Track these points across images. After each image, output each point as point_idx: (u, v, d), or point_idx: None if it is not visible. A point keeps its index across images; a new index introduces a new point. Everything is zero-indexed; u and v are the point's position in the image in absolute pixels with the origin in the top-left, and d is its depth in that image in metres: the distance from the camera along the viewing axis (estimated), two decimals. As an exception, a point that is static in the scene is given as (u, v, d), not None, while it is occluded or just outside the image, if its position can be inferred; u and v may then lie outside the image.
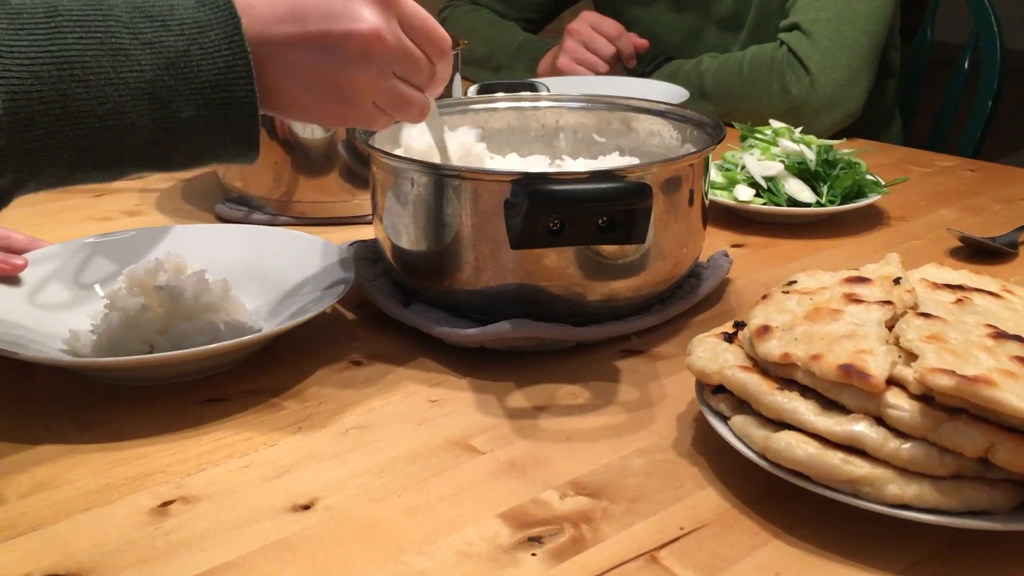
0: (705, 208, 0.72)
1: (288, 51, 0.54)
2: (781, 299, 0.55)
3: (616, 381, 0.63)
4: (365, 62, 0.56)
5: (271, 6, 0.55)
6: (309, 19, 0.54)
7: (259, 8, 0.54)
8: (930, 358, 0.46)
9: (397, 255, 0.70)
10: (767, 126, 0.97)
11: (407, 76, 0.59)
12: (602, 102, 0.83)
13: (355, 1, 0.55)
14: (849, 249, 0.85)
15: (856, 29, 1.20)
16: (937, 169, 1.08)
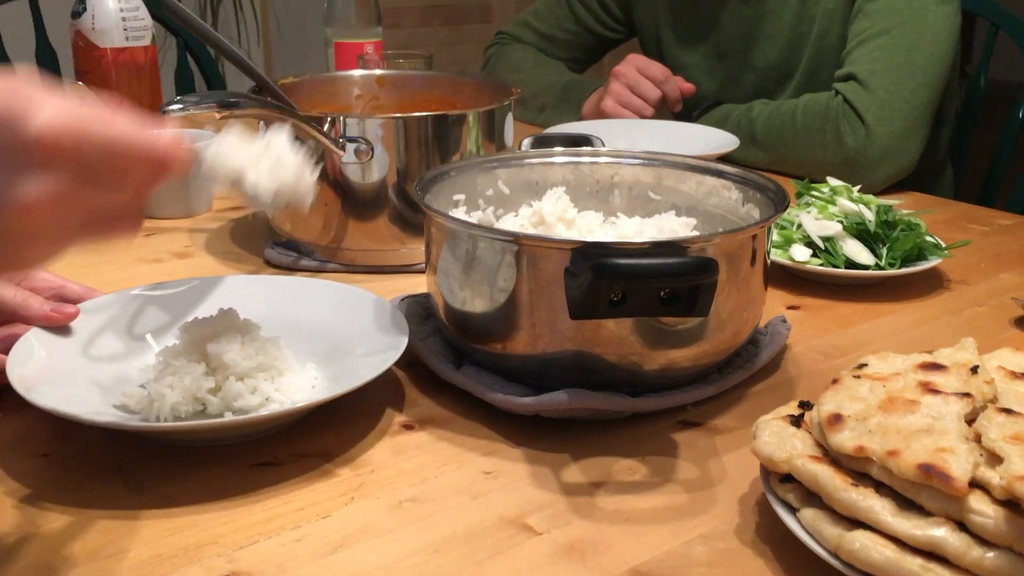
0: (767, 275, 0.70)
1: None
2: (852, 384, 0.53)
3: (674, 456, 0.61)
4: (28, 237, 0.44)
5: None
6: None
7: None
8: (1016, 463, 0.44)
9: (450, 315, 0.69)
10: (824, 183, 0.96)
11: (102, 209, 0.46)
12: (659, 159, 0.82)
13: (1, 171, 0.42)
14: (910, 315, 0.83)
15: (914, 81, 1.18)
16: (996, 228, 1.06)
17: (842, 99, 1.19)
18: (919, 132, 1.18)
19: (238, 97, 0.74)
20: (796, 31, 1.33)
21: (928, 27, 1.19)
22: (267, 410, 0.61)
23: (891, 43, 1.19)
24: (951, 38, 1.21)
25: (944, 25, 1.20)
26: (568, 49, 1.60)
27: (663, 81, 1.37)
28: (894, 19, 1.20)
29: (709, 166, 0.80)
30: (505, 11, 3.46)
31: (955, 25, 1.22)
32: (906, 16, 1.20)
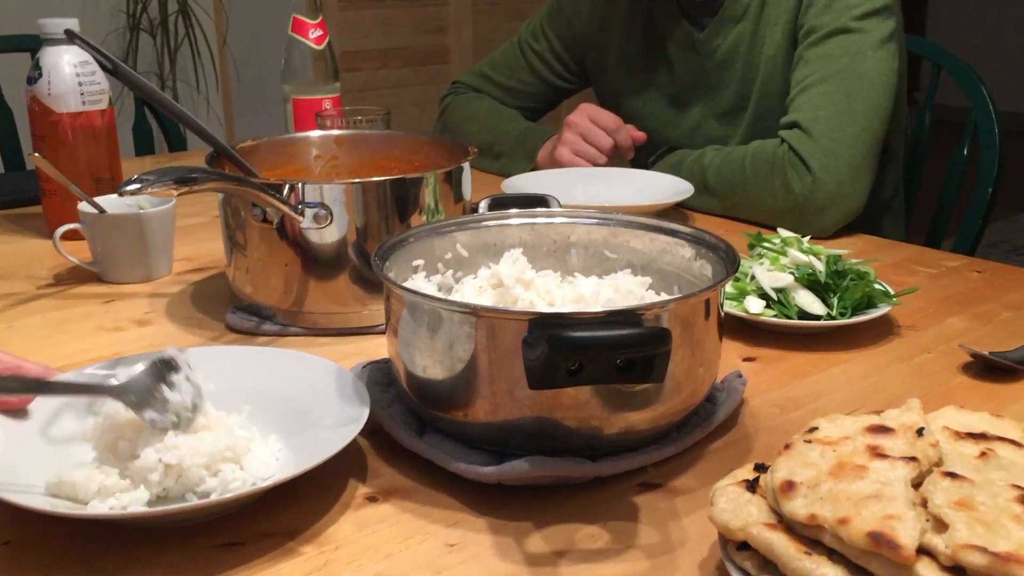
0: (721, 331, 0.72)
1: None
2: (804, 449, 0.55)
3: (635, 520, 0.62)
4: None
5: None
6: None
7: None
8: (961, 530, 0.45)
9: (411, 383, 0.70)
10: (775, 234, 0.98)
11: None
12: (613, 218, 0.84)
13: None
14: (862, 364, 0.85)
15: (856, 126, 1.21)
16: (944, 270, 1.08)
17: (787, 147, 1.23)
18: (864, 176, 1.22)
19: (195, 172, 0.75)
20: (746, 78, 1.36)
21: (867, 73, 1.23)
22: (231, 492, 0.61)
23: (832, 89, 1.23)
24: (890, 81, 1.25)
25: (882, 69, 1.24)
26: (523, 98, 1.62)
27: (615, 130, 1.39)
28: (833, 66, 1.24)
29: (662, 225, 0.81)
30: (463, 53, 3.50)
31: (893, 68, 1.26)
32: (845, 63, 1.24)
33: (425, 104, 3.52)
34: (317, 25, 1.33)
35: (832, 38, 1.25)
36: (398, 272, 0.77)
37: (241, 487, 0.62)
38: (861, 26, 1.25)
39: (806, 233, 1.04)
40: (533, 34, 1.61)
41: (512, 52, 1.64)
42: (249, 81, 3.26)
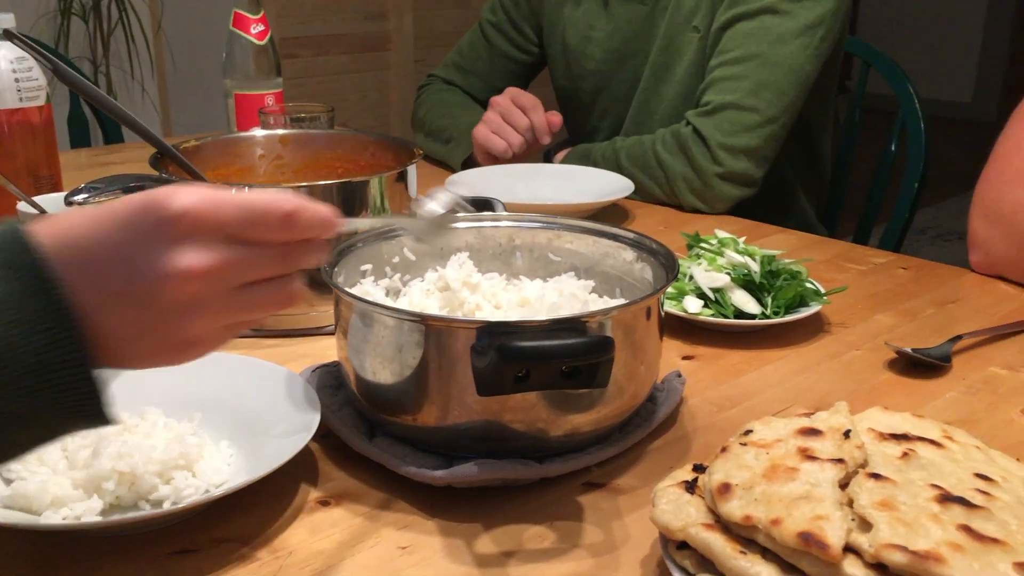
0: (662, 333, 0.75)
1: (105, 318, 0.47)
2: (739, 452, 0.58)
3: (580, 520, 0.64)
4: (194, 308, 0.49)
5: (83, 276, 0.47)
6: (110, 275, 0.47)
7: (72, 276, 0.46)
8: (884, 530, 0.48)
9: (361, 387, 0.71)
10: (712, 235, 1.01)
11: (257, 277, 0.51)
12: (557, 222, 0.86)
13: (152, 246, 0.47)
14: (794, 362, 0.88)
15: (759, 116, 1.28)
16: (872, 267, 1.13)
17: (692, 129, 1.30)
18: (761, 163, 1.30)
19: (141, 180, 0.75)
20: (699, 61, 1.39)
21: (781, 61, 1.28)
22: (184, 500, 0.62)
23: (745, 74, 1.28)
24: (804, 70, 1.29)
25: (798, 58, 1.28)
26: (493, 80, 1.63)
27: (530, 109, 1.39)
28: (752, 48, 1.28)
29: (604, 229, 0.84)
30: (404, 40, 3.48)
31: (811, 56, 1.29)
32: (764, 47, 1.28)
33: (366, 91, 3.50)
34: (259, 20, 1.33)
35: (759, 16, 1.29)
36: (347, 276, 0.78)
37: (194, 495, 0.63)
38: (790, 8, 1.28)
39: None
40: (491, 8, 1.64)
41: (475, 34, 1.66)
42: (186, 68, 3.21)
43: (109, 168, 1.52)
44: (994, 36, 5.94)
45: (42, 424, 0.46)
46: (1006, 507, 0.52)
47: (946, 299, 1.03)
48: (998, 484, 0.55)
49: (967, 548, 0.47)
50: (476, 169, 1.39)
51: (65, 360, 0.45)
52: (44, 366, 0.44)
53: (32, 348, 0.44)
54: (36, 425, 0.46)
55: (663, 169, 1.32)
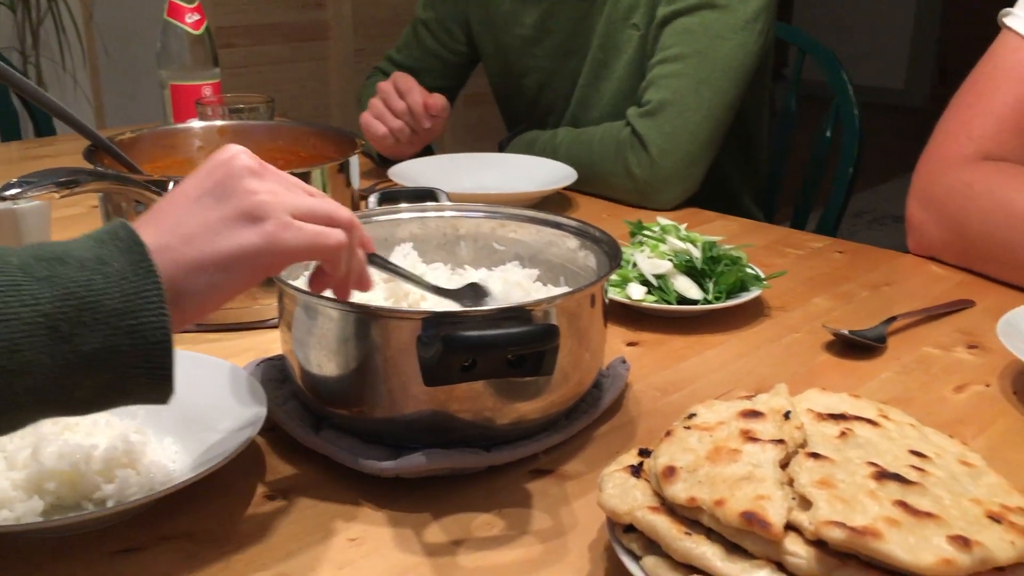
0: (606, 320, 0.75)
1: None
2: (683, 436, 0.59)
3: (528, 507, 0.65)
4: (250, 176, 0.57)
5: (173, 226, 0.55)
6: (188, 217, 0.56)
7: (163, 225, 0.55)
8: (823, 507, 0.50)
9: (307, 380, 0.71)
10: (654, 222, 1.02)
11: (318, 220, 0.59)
12: (501, 211, 0.86)
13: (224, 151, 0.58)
14: (736, 346, 0.90)
15: (700, 114, 1.28)
16: (809, 251, 1.15)
17: (631, 131, 1.29)
18: (701, 162, 1.30)
19: (75, 174, 0.73)
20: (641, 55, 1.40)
21: (721, 58, 1.28)
22: (128, 498, 0.61)
23: (684, 72, 1.28)
24: (744, 66, 1.29)
25: (737, 55, 1.28)
26: (427, 77, 1.63)
27: (406, 93, 1.37)
28: (692, 45, 1.28)
29: (548, 218, 0.84)
30: (343, 29, 3.44)
31: (751, 52, 1.29)
32: (703, 44, 1.28)
33: (305, 80, 3.45)
34: (194, 9, 1.30)
35: (698, 12, 1.29)
36: (290, 269, 0.77)
37: (138, 493, 0.62)
38: (728, 3, 1.28)
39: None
40: (423, 5, 1.63)
41: (408, 30, 1.65)
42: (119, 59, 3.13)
43: (41, 162, 1.49)
44: (924, 23, 6.08)
45: (111, 369, 0.50)
46: (940, 482, 0.54)
47: (881, 282, 1.06)
48: (932, 460, 0.57)
49: (903, 523, 0.49)
50: (419, 160, 1.39)
51: (147, 308, 0.50)
52: (128, 311, 0.49)
53: (119, 294, 0.49)
54: (106, 370, 0.49)
55: (605, 179, 1.32)
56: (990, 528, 0.50)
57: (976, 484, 0.55)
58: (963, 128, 1.08)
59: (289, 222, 0.57)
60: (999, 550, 0.48)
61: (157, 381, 0.52)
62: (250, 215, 0.56)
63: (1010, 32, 1.08)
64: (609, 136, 1.32)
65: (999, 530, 0.50)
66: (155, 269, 0.51)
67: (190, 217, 0.55)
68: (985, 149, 1.06)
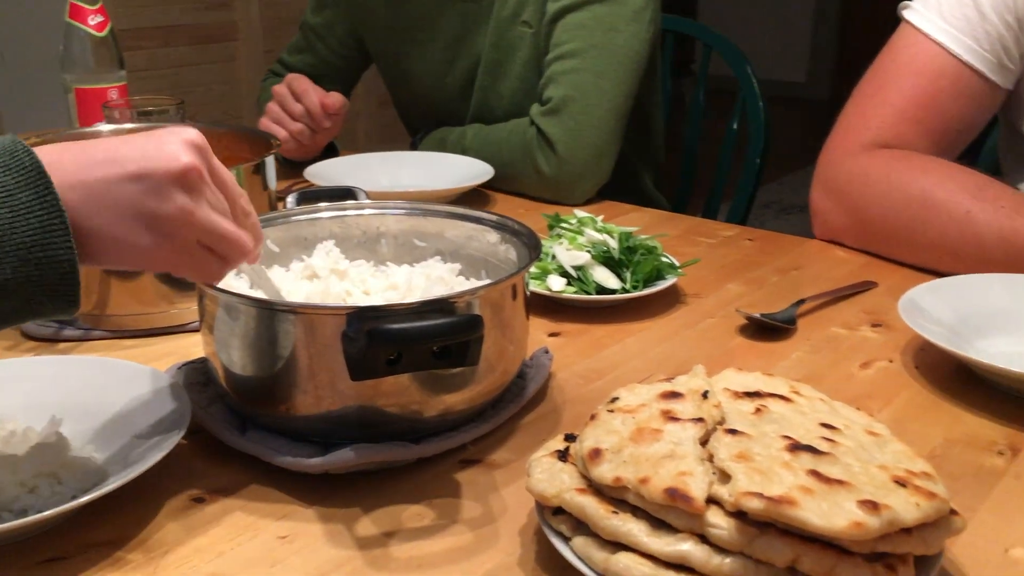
0: (528, 311, 0.77)
1: (104, 191, 0.56)
2: (607, 419, 0.61)
3: (458, 496, 0.66)
4: (182, 192, 0.58)
5: (85, 152, 0.57)
6: (126, 160, 0.57)
7: (71, 155, 0.56)
8: (741, 480, 0.52)
9: (231, 381, 0.70)
10: (572, 214, 1.04)
11: (223, 213, 0.61)
12: (421, 208, 0.87)
13: (170, 143, 0.58)
14: (655, 332, 0.92)
15: (602, 108, 1.30)
16: (720, 240, 1.19)
17: (536, 130, 1.31)
18: (608, 154, 1.32)
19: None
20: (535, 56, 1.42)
21: (617, 50, 1.31)
22: (50, 508, 0.60)
23: (583, 67, 1.30)
24: (640, 55, 1.33)
25: (632, 45, 1.32)
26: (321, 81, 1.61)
27: (302, 95, 1.37)
28: (587, 39, 1.30)
29: (467, 213, 0.85)
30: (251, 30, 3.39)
31: (645, 40, 1.33)
32: (598, 37, 1.30)
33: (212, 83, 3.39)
34: (97, 11, 1.27)
35: (588, 6, 1.31)
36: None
37: (61, 502, 0.61)
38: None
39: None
40: (311, 9, 1.61)
41: (300, 35, 1.64)
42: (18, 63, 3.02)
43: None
44: (823, 19, 6.28)
45: (21, 296, 0.53)
46: (849, 451, 0.57)
47: (789, 267, 1.10)
48: (841, 432, 0.59)
49: (816, 491, 0.51)
50: (335, 160, 1.38)
51: (52, 242, 0.53)
52: (34, 244, 0.52)
53: (25, 228, 0.52)
54: (15, 297, 0.53)
55: (517, 177, 1.34)
56: (896, 492, 0.53)
57: (882, 452, 0.58)
58: (862, 118, 1.13)
59: (185, 250, 0.59)
60: (905, 512, 0.51)
61: (65, 304, 0.55)
62: (155, 223, 0.57)
63: (908, 26, 1.13)
64: (516, 136, 1.34)
65: (905, 493, 0.53)
66: (60, 203, 0.53)
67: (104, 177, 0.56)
68: (883, 138, 1.11)
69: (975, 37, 1.08)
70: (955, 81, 1.09)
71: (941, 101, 1.09)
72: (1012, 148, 1.20)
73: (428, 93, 1.52)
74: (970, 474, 0.68)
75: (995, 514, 0.63)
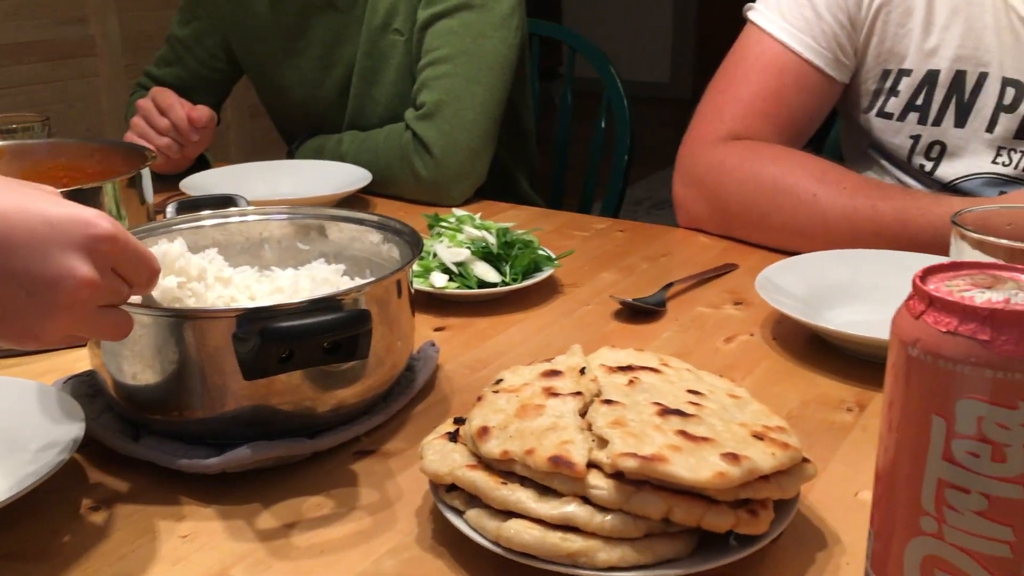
0: (413, 306, 0.80)
1: None
2: (493, 399, 0.64)
3: (356, 486, 0.69)
4: (68, 309, 0.57)
5: None
6: (17, 256, 0.55)
7: None
8: (617, 443, 0.57)
9: (121, 391, 0.71)
10: (451, 213, 1.08)
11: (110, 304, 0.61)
12: (302, 212, 0.89)
13: (69, 250, 0.56)
14: (535, 322, 0.97)
15: (474, 111, 1.35)
16: (594, 232, 1.25)
17: (411, 134, 1.35)
18: (483, 155, 1.37)
19: None
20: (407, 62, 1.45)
21: (486, 55, 1.36)
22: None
23: (454, 72, 1.35)
24: (508, 60, 1.38)
25: (501, 50, 1.37)
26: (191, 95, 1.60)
27: (167, 109, 1.36)
28: (457, 45, 1.35)
29: (349, 215, 0.88)
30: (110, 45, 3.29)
31: (513, 45, 1.39)
32: (467, 43, 1.35)
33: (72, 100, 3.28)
34: (-49, 27, 1.23)
35: (457, 13, 1.36)
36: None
37: (-47, 519, 0.60)
38: (484, 2, 1.36)
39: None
40: (177, 22, 1.60)
41: (167, 48, 1.62)
42: None
43: None
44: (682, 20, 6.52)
45: None
46: (713, 413, 0.62)
47: (658, 254, 1.16)
48: (706, 396, 0.65)
49: (684, 448, 0.56)
50: (212, 170, 1.38)
51: None
52: None
53: None
54: None
55: (395, 182, 1.37)
56: (755, 445, 0.58)
57: (743, 412, 0.64)
58: (716, 113, 1.21)
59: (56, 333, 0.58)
60: (763, 461, 0.57)
61: None
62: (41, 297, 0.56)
63: (753, 26, 1.21)
64: (392, 141, 1.37)
65: (762, 446, 0.58)
66: None
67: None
68: (736, 131, 1.19)
69: (813, 36, 1.17)
70: (797, 77, 1.18)
71: (785, 95, 1.18)
72: (850, 137, 1.30)
73: (303, 102, 1.53)
74: (823, 429, 0.75)
75: (845, 463, 0.70)
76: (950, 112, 1.14)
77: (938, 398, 0.42)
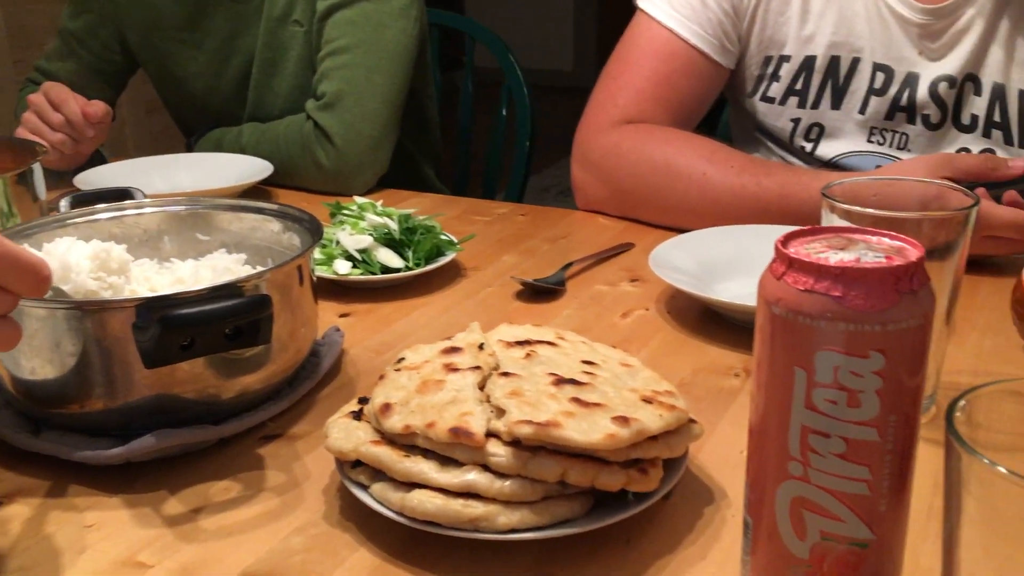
0: (315, 292, 0.81)
1: None
2: (395, 377, 0.66)
3: (263, 468, 0.70)
4: None
5: None
6: None
7: None
8: (514, 412, 0.59)
9: (19, 387, 0.70)
10: (352, 201, 1.09)
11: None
12: (201, 202, 0.89)
13: None
14: (439, 305, 0.99)
15: (376, 101, 1.36)
16: (496, 217, 1.27)
17: (313, 124, 1.35)
18: (385, 144, 1.38)
19: None
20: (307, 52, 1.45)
21: (386, 45, 1.37)
22: None
23: (354, 62, 1.36)
24: (408, 50, 1.40)
25: (401, 40, 1.39)
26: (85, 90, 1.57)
27: (61, 104, 1.33)
28: (357, 35, 1.36)
29: (249, 204, 0.88)
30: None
31: (412, 36, 1.40)
32: (367, 33, 1.36)
33: (-40, 99, 3.15)
34: None
35: (356, 4, 1.37)
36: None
37: None
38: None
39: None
40: (69, 15, 1.57)
41: (58, 41, 1.58)
42: None
43: None
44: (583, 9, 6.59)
45: None
46: (606, 381, 0.65)
47: (558, 236, 1.20)
48: (599, 366, 0.68)
49: (577, 414, 0.59)
50: (107, 165, 1.36)
51: None
52: None
53: None
54: None
55: (297, 172, 1.37)
56: (645, 408, 0.62)
57: (634, 379, 0.67)
58: (610, 98, 1.25)
59: None
60: (651, 422, 0.60)
61: None
62: None
63: (643, 14, 1.25)
64: (293, 131, 1.37)
65: (651, 409, 0.62)
66: None
67: None
68: (629, 115, 1.23)
69: (699, 23, 1.22)
70: (686, 63, 1.23)
71: (675, 80, 1.23)
72: (738, 120, 1.35)
73: (202, 94, 1.51)
74: (713, 395, 0.79)
75: (733, 424, 0.75)
76: (827, 96, 1.21)
77: (799, 351, 0.46)
